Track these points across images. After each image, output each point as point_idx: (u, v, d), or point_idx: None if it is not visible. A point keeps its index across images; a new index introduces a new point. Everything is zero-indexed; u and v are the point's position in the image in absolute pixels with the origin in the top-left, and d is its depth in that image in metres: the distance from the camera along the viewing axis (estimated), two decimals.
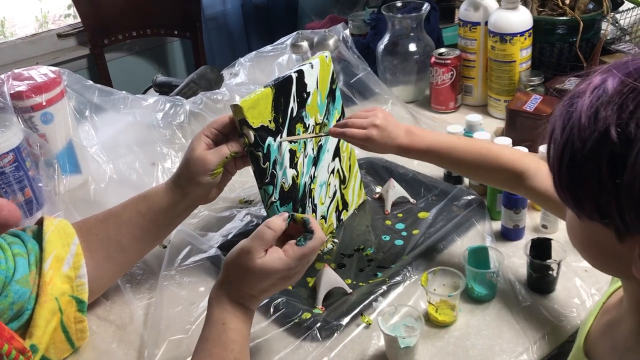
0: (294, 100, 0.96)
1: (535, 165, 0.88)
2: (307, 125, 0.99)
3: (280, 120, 0.93)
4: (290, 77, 0.95)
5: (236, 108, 0.87)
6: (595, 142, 0.48)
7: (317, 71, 1.00)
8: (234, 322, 0.74)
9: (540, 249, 0.90)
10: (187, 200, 0.93)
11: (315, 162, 1.03)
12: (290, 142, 0.96)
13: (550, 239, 0.91)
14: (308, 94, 0.99)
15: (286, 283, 0.77)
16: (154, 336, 0.89)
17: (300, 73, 0.97)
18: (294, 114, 0.96)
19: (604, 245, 0.53)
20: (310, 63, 0.99)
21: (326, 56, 1.03)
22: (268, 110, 0.91)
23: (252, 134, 0.88)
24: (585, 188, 0.50)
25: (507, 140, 1.09)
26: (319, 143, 1.03)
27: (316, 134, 1.01)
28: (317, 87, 1.01)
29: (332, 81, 1.05)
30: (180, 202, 0.93)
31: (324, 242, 0.78)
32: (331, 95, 1.05)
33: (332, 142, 1.06)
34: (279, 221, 0.77)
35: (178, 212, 0.94)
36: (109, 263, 0.93)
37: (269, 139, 0.91)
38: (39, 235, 0.87)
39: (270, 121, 0.91)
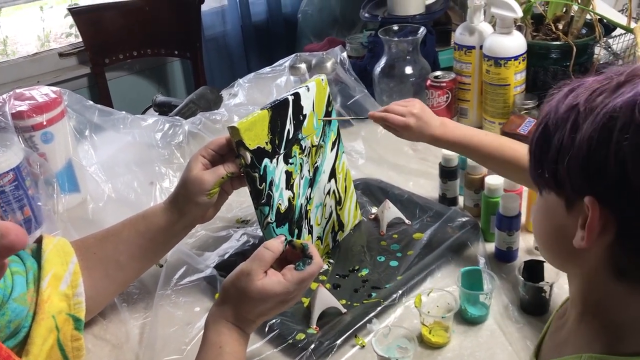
0: (290, 123, 0.97)
1: None
2: (303, 147, 1.01)
3: (277, 141, 0.95)
4: (286, 99, 0.97)
5: (233, 130, 0.89)
6: (565, 112, 0.53)
7: (313, 94, 1.02)
8: (230, 346, 0.74)
9: (533, 271, 0.91)
10: (184, 220, 0.94)
11: (312, 183, 1.04)
12: (329, 121, 1.06)
13: (543, 261, 0.92)
14: (304, 116, 1.00)
15: (283, 307, 0.78)
16: (149, 356, 0.90)
17: (297, 96, 0.98)
18: (291, 135, 0.98)
19: (556, 219, 0.56)
20: (306, 86, 1.01)
21: (322, 79, 1.05)
22: (265, 132, 0.93)
23: (248, 155, 0.90)
24: (549, 152, 0.54)
25: None
26: (315, 165, 1.04)
27: (354, 117, 1.07)
28: (314, 109, 1.02)
29: (328, 103, 1.06)
30: (178, 222, 0.94)
31: (322, 268, 0.80)
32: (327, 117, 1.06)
33: (328, 163, 1.08)
34: (276, 243, 0.79)
35: (176, 231, 0.95)
36: (106, 281, 0.94)
37: (266, 160, 0.93)
38: (38, 254, 0.88)
39: (266, 143, 0.93)
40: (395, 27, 1.49)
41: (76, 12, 2.26)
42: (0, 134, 1.12)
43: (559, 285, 0.92)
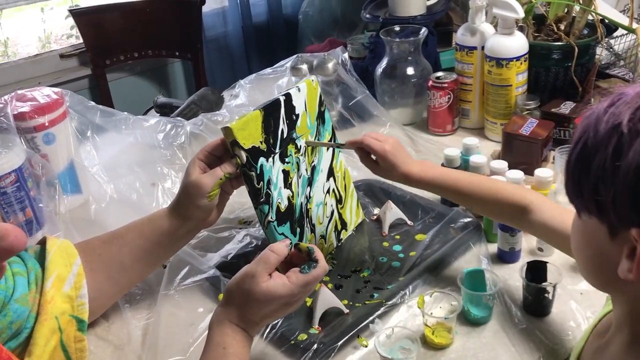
0: (283, 122, 0.98)
1: (539, 199, 0.90)
2: (298, 147, 1.02)
3: (271, 141, 0.96)
4: (278, 100, 0.98)
5: (227, 130, 0.90)
6: (607, 132, 0.51)
7: (304, 94, 1.03)
8: (234, 347, 0.74)
9: (536, 271, 0.91)
10: (188, 224, 0.95)
11: (310, 182, 1.04)
12: (309, 145, 1.03)
13: (546, 262, 0.92)
14: (297, 116, 1.01)
15: (287, 310, 0.78)
16: (152, 357, 0.90)
17: (288, 96, 1.00)
18: (285, 135, 0.99)
19: (598, 245, 0.55)
20: (297, 87, 1.03)
21: (312, 80, 1.06)
22: (258, 132, 0.94)
23: (243, 154, 0.91)
24: (588, 176, 0.52)
25: (503, 164, 1.10)
26: (312, 164, 1.05)
27: (333, 144, 1.06)
28: (306, 109, 1.04)
29: (320, 104, 1.08)
30: (182, 226, 0.95)
31: (327, 272, 0.80)
32: (320, 117, 1.07)
33: (325, 162, 1.08)
34: (281, 246, 0.79)
35: (180, 235, 0.96)
36: (110, 283, 0.94)
37: (261, 159, 0.94)
38: (41, 255, 0.88)
39: (261, 142, 0.94)
40: (397, 28, 1.49)
41: (77, 14, 2.26)
42: (2, 135, 1.12)
43: (562, 286, 0.92)
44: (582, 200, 0.54)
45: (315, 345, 0.86)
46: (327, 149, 1.09)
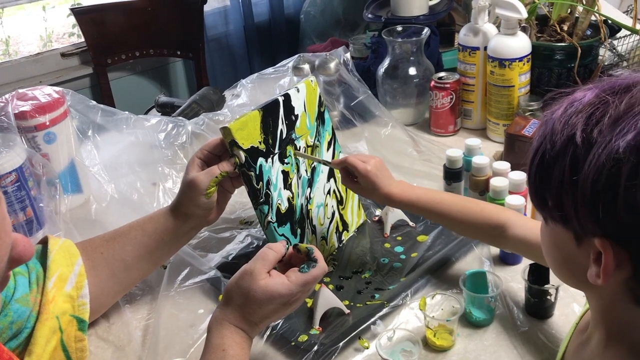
0: (282, 123, 0.98)
1: (516, 215, 0.91)
2: (298, 147, 1.02)
3: (270, 141, 0.96)
4: (277, 100, 0.98)
5: (225, 130, 0.90)
6: (563, 144, 0.51)
7: (303, 95, 1.03)
8: (233, 349, 0.74)
9: (539, 273, 0.91)
10: (190, 222, 0.95)
11: (310, 183, 1.04)
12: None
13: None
14: (296, 116, 1.01)
15: (286, 311, 0.78)
16: (152, 358, 0.89)
17: (287, 97, 1.00)
18: (284, 135, 0.98)
19: (566, 250, 0.55)
20: (296, 87, 1.03)
21: (312, 80, 1.06)
22: (257, 132, 0.93)
23: (242, 154, 0.91)
24: (550, 187, 0.53)
25: (506, 165, 1.10)
26: (312, 165, 1.05)
27: (319, 160, 1.04)
28: (305, 109, 1.03)
29: (320, 104, 1.07)
30: (183, 224, 0.95)
31: (326, 272, 0.80)
32: (320, 117, 1.07)
33: None
34: (279, 244, 0.80)
35: (182, 233, 0.96)
36: (112, 281, 0.94)
37: (261, 160, 0.93)
38: (43, 255, 0.88)
39: (260, 142, 0.94)
40: (399, 28, 1.48)
41: (79, 12, 2.26)
42: (2, 135, 1.11)
43: (564, 288, 0.91)
44: (546, 209, 0.55)
45: (316, 347, 0.86)
46: (327, 149, 1.09)
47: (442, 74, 1.43)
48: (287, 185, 0.99)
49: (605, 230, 0.49)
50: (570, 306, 0.92)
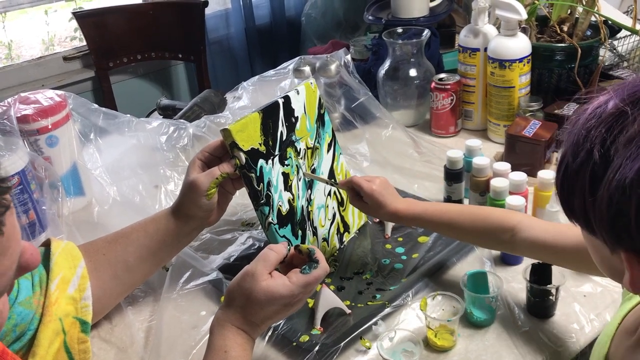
0: (282, 125, 0.98)
1: (526, 218, 0.90)
2: (298, 149, 1.02)
3: (271, 143, 0.96)
4: (277, 102, 0.98)
5: (225, 132, 0.91)
6: (583, 159, 0.51)
7: (303, 97, 1.04)
8: (235, 350, 0.74)
9: (540, 273, 0.91)
10: (191, 223, 0.96)
11: (311, 185, 1.04)
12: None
13: (549, 264, 0.91)
14: (296, 118, 1.02)
15: (288, 312, 0.79)
16: None
17: (287, 99, 1.00)
18: (284, 137, 0.99)
19: (603, 253, 0.55)
20: (296, 89, 1.03)
21: (311, 83, 1.07)
22: (257, 134, 0.94)
23: (243, 156, 0.91)
24: (575, 201, 0.53)
25: (506, 165, 1.10)
26: (312, 167, 1.05)
27: (328, 181, 1.04)
28: (305, 112, 1.04)
29: (320, 106, 1.08)
30: (185, 225, 0.95)
31: (327, 272, 0.80)
32: (320, 119, 1.08)
33: (326, 164, 1.08)
34: (281, 245, 0.80)
35: (184, 233, 0.97)
36: (114, 282, 0.94)
37: (261, 161, 0.94)
38: (46, 257, 0.88)
39: (260, 144, 0.94)
40: (399, 30, 1.49)
41: (81, 16, 2.27)
42: (5, 138, 1.12)
43: (565, 288, 0.92)
44: (574, 218, 0.56)
45: (317, 347, 0.86)
46: (327, 151, 1.09)
47: (442, 75, 1.44)
48: (288, 187, 0.99)
49: (627, 246, 0.50)
50: (571, 306, 0.92)
